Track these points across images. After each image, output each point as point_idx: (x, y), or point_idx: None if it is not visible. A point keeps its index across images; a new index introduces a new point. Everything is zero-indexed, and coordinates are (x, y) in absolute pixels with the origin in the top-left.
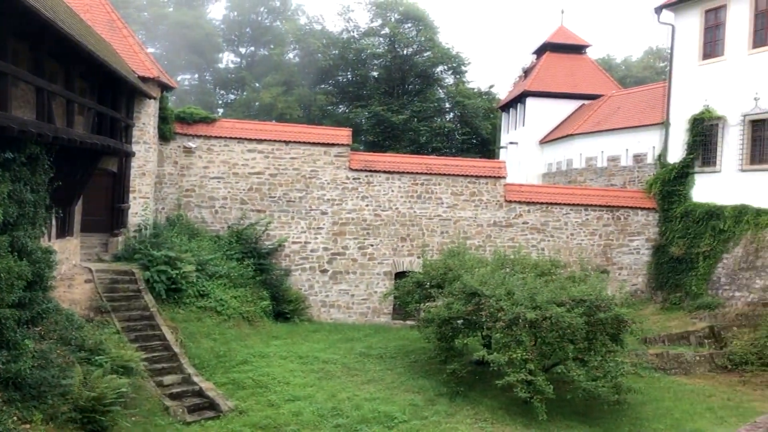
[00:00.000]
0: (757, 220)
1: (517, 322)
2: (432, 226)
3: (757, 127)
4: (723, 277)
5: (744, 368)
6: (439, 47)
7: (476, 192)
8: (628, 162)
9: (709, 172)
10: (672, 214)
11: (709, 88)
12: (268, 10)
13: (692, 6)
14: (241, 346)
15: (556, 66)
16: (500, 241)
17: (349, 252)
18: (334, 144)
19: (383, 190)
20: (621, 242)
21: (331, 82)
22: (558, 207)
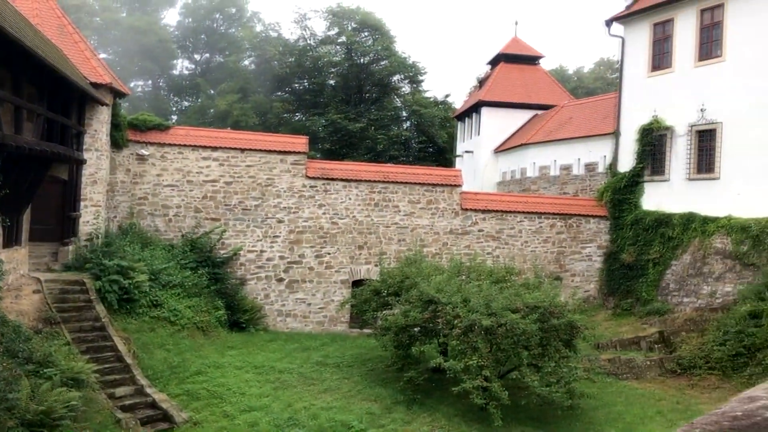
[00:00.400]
0: (704, 228)
1: (473, 329)
2: (389, 234)
3: (704, 137)
4: (672, 283)
5: (692, 372)
6: (396, 56)
7: (433, 200)
8: (580, 171)
9: (658, 181)
10: (623, 221)
11: (657, 99)
12: (223, 16)
13: (641, 19)
14: (196, 357)
15: (510, 76)
16: (456, 249)
17: (306, 260)
18: (291, 152)
19: (340, 198)
20: (573, 249)
21: (288, 89)
22: (512, 215)
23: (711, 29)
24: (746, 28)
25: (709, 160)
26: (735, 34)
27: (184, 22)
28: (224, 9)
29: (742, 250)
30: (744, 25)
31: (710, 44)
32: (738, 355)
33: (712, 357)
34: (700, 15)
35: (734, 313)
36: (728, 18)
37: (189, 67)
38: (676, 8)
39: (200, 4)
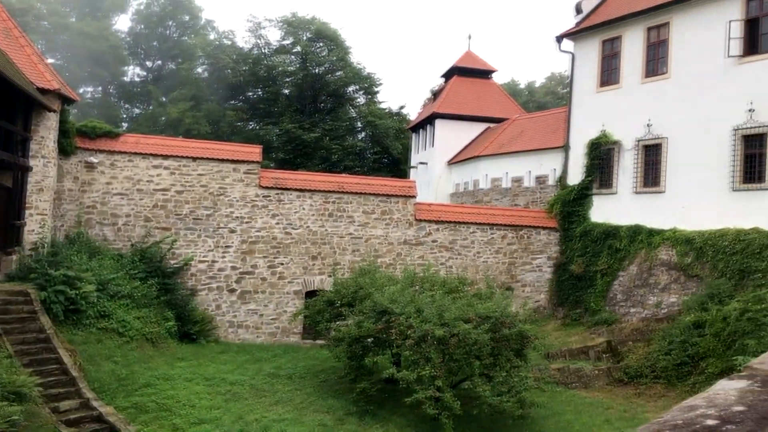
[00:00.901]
0: (650, 240)
1: (425, 340)
2: (343, 244)
3: (650, 151)
4: (619, 293)
5: (639, 381)
6: (351, 67)
7: (387, 211)
8: (531, 183)
9: (606, 193)
10: (572, 233)
11: (606, 114)
12: (176, 24)
13: (590, 36)
14: (144, 369)
15: (464, 89)
16: (410, 259)
17: (259, 271)
18: (244, 161)
19: (294, 208)
20: (524, 260)
21: (242, 98)
22: (465, 226)
23: (657, 47)
24: (690, 46)
25: (655, 174)
26: (679, 52)
27: (136, 29)
28: (177, 16)
29: (686, 262)
30: (688, 43)
31: (656, 61)
32: (682, 364)
33: (657, 366)
34: (646, 33)
35: (679, 323)
36: (673, 36)
37: (140, 74)
38: (624, 26)
39: (153, 11)
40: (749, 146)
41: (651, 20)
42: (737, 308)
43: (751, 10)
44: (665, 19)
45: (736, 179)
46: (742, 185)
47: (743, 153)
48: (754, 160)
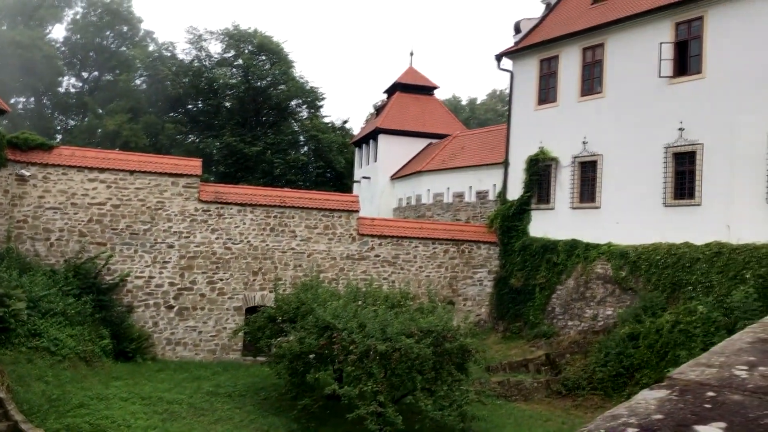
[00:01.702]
0: (586, 254)
1: (368, 355)
2: (285, 259)
3: (586, 168)
4: (557, 307)
5: (577, 393)
6: (294, 81)
7: (330, 225)
8: (472, 198)
9: (545, 209)
10: (511, 247)
11: (544, 131)
12: (114, 34)
13: (529, 55)
14: (78, 389)
15: (407, 105)
16: (353, 274)
17: (198, 287)
18: (183, 174)
19: (235, 223)
20: (466, 274)
21: (182, 110)
22: (408, 240)
23: (592, 67)
24: (624, 66)
25: (591, 190)
26: (614, 72)
27: (72, 39)
28: (116, 27)
29: (621, 275)
30: (622, 64)
31: (592, 81)
32: (618, 375)
33: (594, 378)
34: (582, 53)
35: (614, 336)
36: (608, 57)
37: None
38: (561, 46)
39: (90, 20)
40: (680, 163)
41: (586, 41)
42: (669, 320)
43: (681, 34)
44: (600, 40)
45: (667, 195)
46: (673, 201)
47: (674, 170)
48: (685, 177)
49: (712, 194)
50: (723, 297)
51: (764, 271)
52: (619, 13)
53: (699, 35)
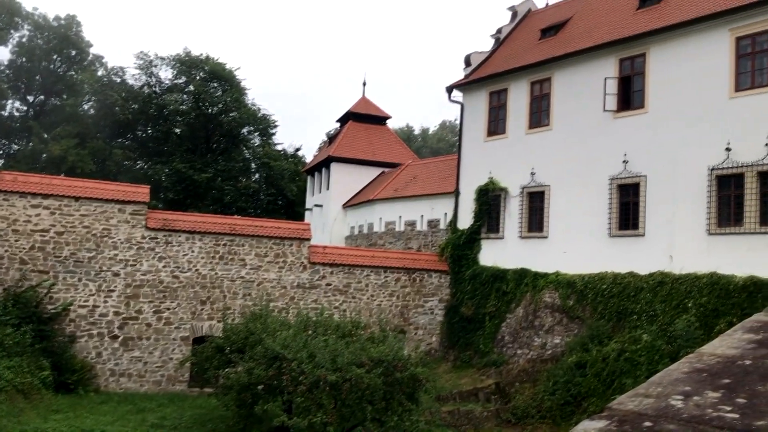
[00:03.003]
0: (535, 283)
1: (318, 385)
2: (234, 288)
3: (534, 198)
4: (507, 335)
5: (526, 421)
6: (246, 108)
7: (281, 254)
8: (424, 227)
9: (494, 238)
10: (462, 276)
11: (494, 162)
12: (62, 58)
13: (479, 88)
14: (14, 423)
15: (359, 134)
16: (304, 303)
17: (144, 316)
18: (131, 201)
19: (183, 251)
20: (417, 303)
21: (130, 136)
22: (360, 269)
23: (540, 100)
24: (570, 100)
25: (539, 219)
26: (561, 106)
27: (17, 62)
28: (63, 51)
29: (568, 304)
30: (568, 97)
31: (540, 114)
32: (566, 403)
33: (543, 406)
34: (530, 87)
35: (563, 364)
36: (555, 90)
37: (20, 109)
38: (510, 79)
39: (36, 43)
40: (624, 195)
41: (534, 75)
42: (615, 349)
43: (624, 69)
44: (547, 74)
45: (612, 226)
46: (618, 232)
47: (619, 201)
48: (629, 208)
49: (656, 225)
50: (666, 326)
51: (705, 300)
52: (566, 49)
53: (642, 71)
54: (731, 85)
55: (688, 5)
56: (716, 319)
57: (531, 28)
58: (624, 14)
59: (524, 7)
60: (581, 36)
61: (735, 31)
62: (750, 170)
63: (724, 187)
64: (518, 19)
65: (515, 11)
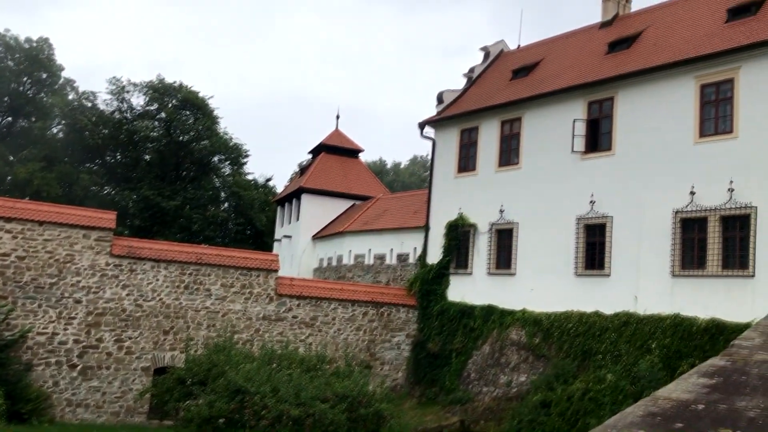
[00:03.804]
0: (502, 320)
1: (281, 420)
2: (198, 318)
3: (503, 235)
4: (473, 372)
5: None
6: (218, 137)
7: (247, 284)
8: (393, 261)
9: (463, 273)
10: (430, 312)
11: (463, 198)
12: (32, 81)
13: (450, 125)
14: None
15: (331, 166)
16: (269, 336)
17: (104, 345)
18: (96, 227)
19: (147, 279)
20: (384, 338)
21: (99, 161)
22: (327, 302)
23: (510, 139)
24: (539, 140)
25: (507, 256)
26: (530, 145)
27: None
28: (34, 73)
29: (534, 342)
30: (538, 137)
31: (509, 152)
32: None
33: None
34: (501, 126)
35: (527, 403)
36: (525, 130)
37: None
38: (481, 118)
39: (6, 65)
40: (591, 235)
41: (505, 114)
42: (580, 388)
43: (593, 112)
44: (518, 114)
45: (579, 265)
46: (584, 271)
47: (585, 241)
48: (595, 248)
49: (621, 266)
50: (630, 366)
51: (668, 341)
52: (536, 90)
53: (610, 114)
54: (696, 130)
55: (656, 52)
56: (679, 361)
57: (503, 68)
58: (593, 58)
59: (496, 48)
60: (551, 78)
61: (700, 79)
62: (713, 214)
63: (688, 230)
64: (490, 59)
65: (488, 51)
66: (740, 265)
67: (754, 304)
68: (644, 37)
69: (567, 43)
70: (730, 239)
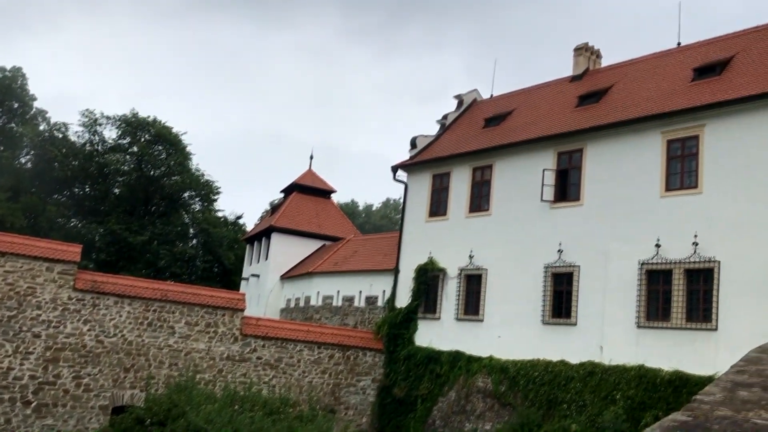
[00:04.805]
0: (468, 367)
1: None
2: (161, 356)
3: (472, 281)
4: (438, 419)
5: None
6: (190, 173)
7: (212, 323)
8: (362, 303)
9: (431, 318)
10: (397, 356)
11: (434, 242)
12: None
13: (423, 170)
14: None
15: (303, 206)
16: (232, 377)
17: (62, 381)
18: (60, 260)
19: (110, 315)
20: (349, 381)
21: (67, 193)
22: (293, 343)
23: (481, 185)
24: (510, 188)
25: (476, 302)
26: (500, 193)
27: None
28: (6, 102)
29: (500, 390)
30: (508, 185)
31: (480, 199)
32: None
33: None
34: (472, 172)
35: None
36: (495, 177)
37: None
38: (453, 164)
39: None
40: (558, 283)
41: (476, 161)
42: None
43: (562, 163)
44: (489, 162)
45: (546, 313)
46: (551, 319)
47: (553, 289)
48: (563, 297)
49: (588, 315)
50: (595, 416)
51: (633, 392)
52: (507, 139)
53: (579, 165)
54: (662, 184)
55: (625, 106)
56: (643, 412)
57: (475, 116)
58: (564, 110)
59: (470, 97)
60: (522, 128)
61: (666, 135)
62: (678, 267)
63: (654, 281)
64: (464, 107)
65: (461, 100)
66: (704, 318)
67: (717, 358)
68: (613, 92)
69: (538, 94)
70: (695, 292)
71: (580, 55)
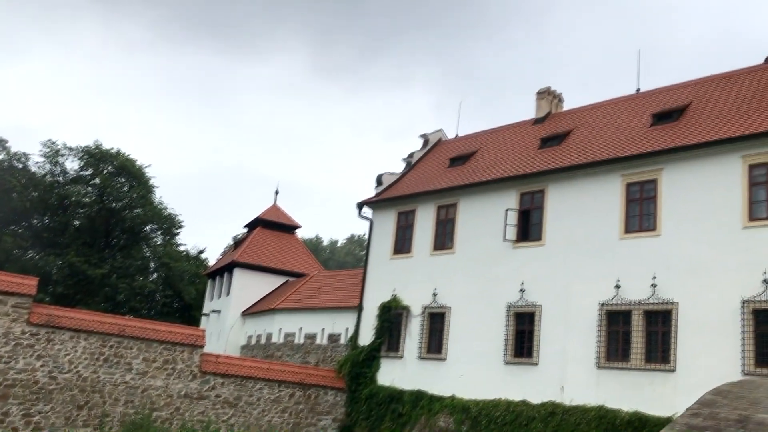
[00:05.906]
0: (431, 406)
1: None
2: (116, 393)
3: (435, 319)
4: None
5: None
6: (152, 206)
7: (171, 360)
8: (324, 341)
9: (393, 357)
10: (359, 395)
11: (398, 280)
12: None
13: (388, 207)
14: None
15: (267, 241)
16: (190, 415)
17: (10, 419)
18: (14, 293)
19: (65, 350)
20: (310, 421)
21: (25, 224)
22: (253, 381)
23: (446, 224)
24: (473, 227)
25: (439, 341)
26: (464, 231)
27: None
28: None
29: (462, 430)
30: (471, 224)
31: (444, 237)
32: None
33: None
34: (437, 210)
35: None
36: (459, 216)
37: None
38: (418, 201)
39: None
40: (520, 323)
41: (441, 199)
42: None
43: (524, 203)
44: (453, 200)
45: (508, 353)
46: (513, 359)
47: (515, 329)
48: (525, 336)
49: (549, 355)
50: None
51: None
52: (471, 178)
53: (541, 206)
54: (621, 226)
55: (586, 149)
56: None
57: (440, 155)
58: (526, 152)
59: (435, 136)
60: (486, 168)
61: (626, 178)
62: (637, 308)
63: (614, 322)
64: (429, 146)
65: (427, 139)
66: (662, 359)
67: (675, 399)
68: (575, 135)
69: (502, 135)
70: (653, 333)
71: (543, 98)
